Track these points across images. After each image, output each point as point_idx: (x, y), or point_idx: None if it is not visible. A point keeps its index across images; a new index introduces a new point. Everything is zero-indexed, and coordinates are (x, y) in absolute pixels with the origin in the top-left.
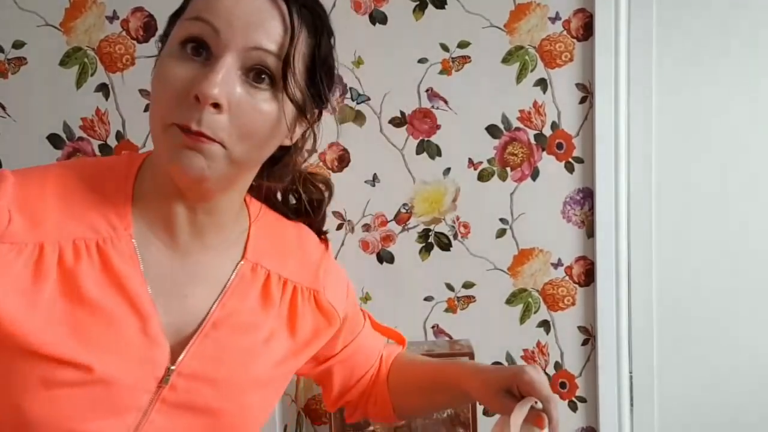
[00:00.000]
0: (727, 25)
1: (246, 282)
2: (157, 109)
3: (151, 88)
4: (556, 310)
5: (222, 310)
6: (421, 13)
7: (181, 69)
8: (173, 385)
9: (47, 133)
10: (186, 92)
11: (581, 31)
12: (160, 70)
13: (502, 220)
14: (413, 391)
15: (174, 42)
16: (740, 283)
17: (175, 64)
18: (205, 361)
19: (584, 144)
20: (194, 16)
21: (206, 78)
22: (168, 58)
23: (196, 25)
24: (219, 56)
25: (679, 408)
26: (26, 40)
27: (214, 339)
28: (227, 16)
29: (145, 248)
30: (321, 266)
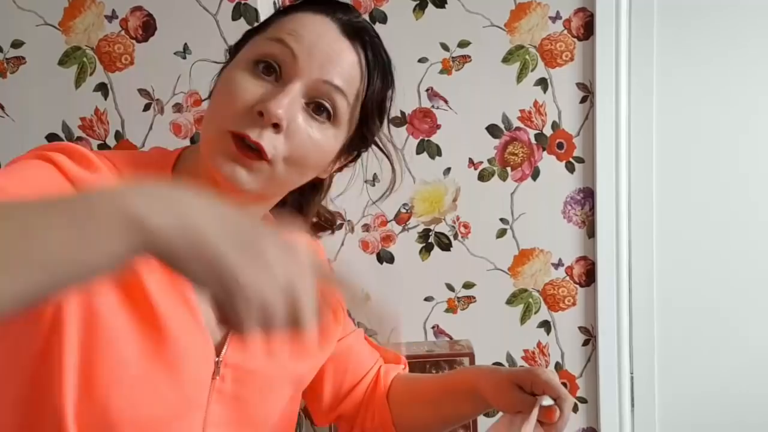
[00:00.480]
0: (729, 24)
1: None
2: (217, 115)
3: (214, 95)
4: (557, 311)
5: None
6: (422, 12)
7: (251, 84)
8: (223, 376)
9: (46, 133)
10: (251, 106)
11: (582, 30)
12: (228, 79)
13: (503, 220)
14: (418, 403)
15: (249, 56)
16: (742, 283)
17: (246, 78)
18: (243, 353)
19: (585, 144)
20: (277, 37)
21: (275, 98)
22: (239, 70)
23: (276, 47)
24: (289, 81)
25: (680, 409)
26: (25, 40)
27: None
28: (309, 46)
29: None
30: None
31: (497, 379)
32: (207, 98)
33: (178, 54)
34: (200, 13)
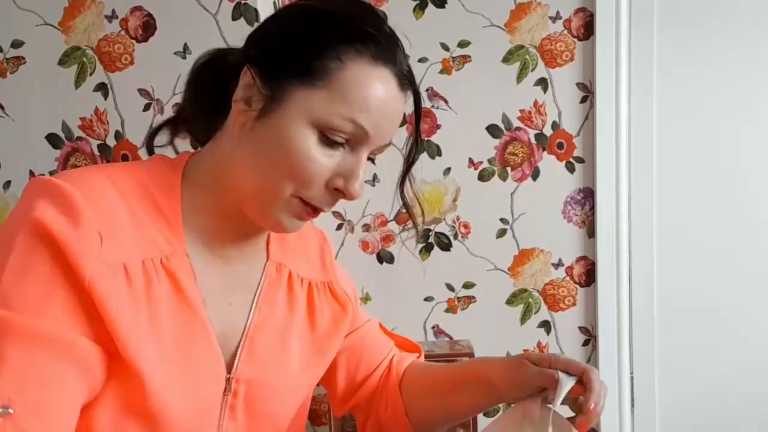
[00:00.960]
0: (729, 24)
1: (274, 283)
2: (283, 179)
3: (275, 151)
4: (557, 311)
5: (259, 315)
6: (422, 12)
7: (324, 157)
8: (235, 391)
9: (46, 133)
10: (326, 180)
11: (582, 30)
12: (295, 147)
13: (503, 220)
14: (429, 392)
15: (311, 123)
16: (742, 283)
17: (319, 149)
18: (254, 366)
19: (585, 144)
20: (351, 118)
21: (355, 177)
22: (306, 137)
23: (349, 126)
24: (359, 149)
25: (680, 408)
26: (25, 40)
27: (257, 343)
28: (380, 124)
29: (196, 260)
30: (326, 257)
31: (512, 365)
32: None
33: (178, 54)
34: (200, 12)
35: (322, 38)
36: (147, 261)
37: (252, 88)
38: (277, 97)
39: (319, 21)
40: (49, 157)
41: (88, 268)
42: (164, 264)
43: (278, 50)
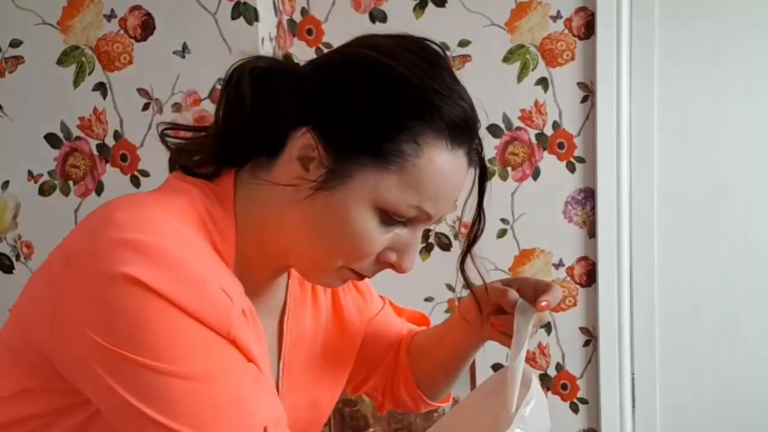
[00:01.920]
0: (730, 23)
1: (298, 300)
2: (336, 253)
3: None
4: (558, 311)
5: (290, 336)
6: (422, 11)
7: (381, 235)
8: None
9: (44, 133)
10: (379, 253)
11: (583, 29)
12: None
13: (503, 220)
14: (425, 352)
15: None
16: (743, 283)
17: (377, 230)
18: (296, 391)
19: (586, 143)
20: (419, 206)
21: (408, 255)
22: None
23: (413, 212)
24: (417, 228)
25: (681, 410)
26: (23, 39)
27: (294, 368)
28: (444, 208)
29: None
30: None
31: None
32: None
33: (177, 53)
34: (199, 12)
35: (400, 118)
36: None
37: (312, 151)
38: (342, 173)
39: (396, 96)
40: (47, 157)
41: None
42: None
43: (348, 124)
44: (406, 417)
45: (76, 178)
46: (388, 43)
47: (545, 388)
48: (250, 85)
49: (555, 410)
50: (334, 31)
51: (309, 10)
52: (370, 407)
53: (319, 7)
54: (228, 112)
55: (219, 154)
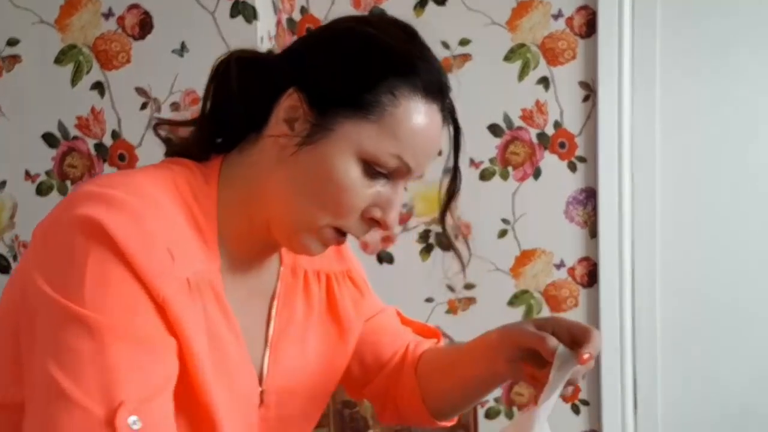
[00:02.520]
0: (731, 21)
1: (290, 287)
2: (321, 209)
3: (317, 180)
4: (559, 312)
5: (279, 322)
6: (422, 10)
7: (365, 188)
8: (266, 404)
9: (42, 132)
10: (363, 210)
11: (584, 28)
12: (338, 177)
13: (504, 220)
14: (440, 371)
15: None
16: (745, 283)
17: (362, 181)
18: (283, 374)
19: (587, 143)
20: (398, 155)
21: (392, 208)
22: (350, 168)
23: (395, 161)
24: (398, 182)
25: (682, 411)
26: (21, 38)
27: (281, 352)
28: (422, 160)
29: (226, 279)
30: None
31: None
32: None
33: (175, 52)
34: (198, 10)
35: (378, 71)
36: (198, 274)
37: (297, 111)
38: (325, 126)
39: (374, 52)
40: (45, 157)
41: (162, 289)
42: (208, 278)
43: (331, 79)
44: None
45: (74, 178)
46: (366, 17)
47: None
48: (236, 71)
49: (557, 412)
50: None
51: (308, 8)
52: (369, 409)
53: (318, 5)
54: (216, 99)
55: (208, 140)
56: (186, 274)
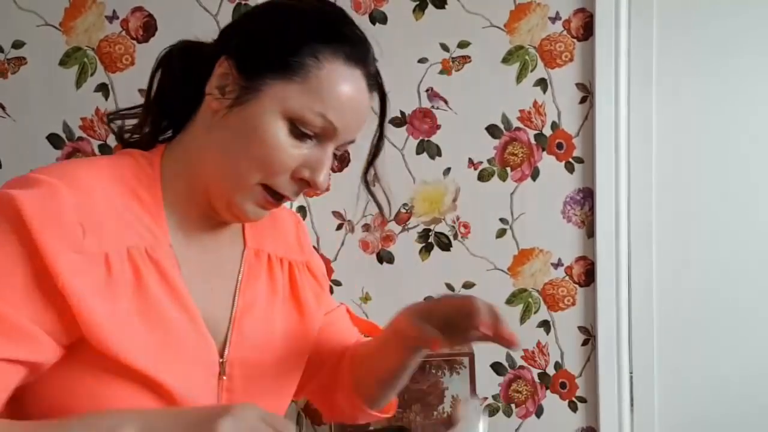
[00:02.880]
0: (728, 24)
1: (254, 268)
2: (251, 167)
3: (246, 139)
4: (557, 310)
5: (243, 299)
6: (421, 12)
7: (293, 148)
8: (229, 375)
9: (47, 133)
10: (292, 169)
11: (581, 30)
12: (265, 136)
13: (502, 220)
14: (364, 360)
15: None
16: (741, 282)
17: (289, 140)
18: (246, 348)
19: (584, 144)
20: (322, 113)
21: (320, 169)
22: (277, 128)
23: (320, 120)
24: (326, 143)
25: (679, 408)
26: (26, 40)
27: (246, 327)
28: (348, 122)
29: (178, 251)
30: (302, 238)
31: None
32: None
33: None
34: (201, 13)
35: (302, 36)
36: (132, 249)
37: (227, 78)
38: (253, 88)
39: (299, 19)
40: (50, 158)
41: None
42: (149, 254)
43: (258, 44)
44: (406, 416)
45: None
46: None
47: (544, 387)
48: (179, 59)
49: (554, 409)
50: None
51: None
52: None
53: None
54: (160, 87)
55: (153, 126)
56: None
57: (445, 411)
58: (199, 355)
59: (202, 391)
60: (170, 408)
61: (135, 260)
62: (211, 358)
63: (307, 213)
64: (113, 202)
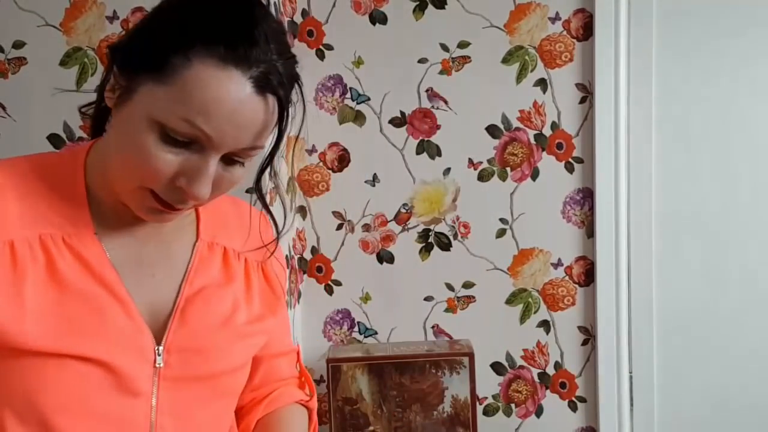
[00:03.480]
0: (727, 24)
1: (206, 259)
2: (126, 170)
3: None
4: (556, 310)
5: (191, 288)
6: (421, 13)
7: (168, 155)
8: (167, 362)
9: (47, 133)
10: (172, 179)
11: (581, 31)
12: (137, 143)
13: (502, 220)
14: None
15: (153, 119)
16: (740, 282)
17: (160, 146)
18: (187, 334)
19: (584, 144)
20: (188, 120)
21: (198, 180)
22: (147, 133)
23: (186, 127)
24: (206, 153)
25: (678, 408)
26: (26, 40)
27: (190, 313)
28: (225, 129)
29: (108, 241)
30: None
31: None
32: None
33: None
34: None
35: (174, 33)
36: (45, 236)
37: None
38: (130, 89)
39: (175, 16)
40: None
41: None
42: (66, 241)
43: (134, 42)
44: (406, 415)
45: None
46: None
47: (544, 387)
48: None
49: (554, 409)
50: (335, 33)
51: (310, 11)
52: (370, 406)
53: (319, 8)
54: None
55: (95, 123)
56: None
57: (445, 411)
58: (130, 339)
59: (129, 376)
60: None
61: (47, 245)
62: (144, 343)
63: (307, 213)
64: (26, 195)
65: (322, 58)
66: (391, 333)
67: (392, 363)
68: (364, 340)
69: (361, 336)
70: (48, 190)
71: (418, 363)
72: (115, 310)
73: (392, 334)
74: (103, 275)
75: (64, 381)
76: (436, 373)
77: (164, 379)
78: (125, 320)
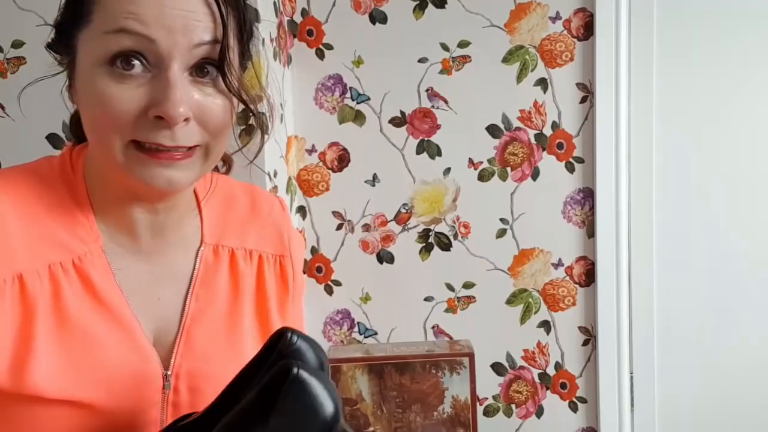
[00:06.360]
0: (728, 23)
1: (211, 268)
2: (106, 131)
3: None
4: (557, 311)
5: (196, 304)
6: (422, 12)
7: (125, 90)
8: (175, 388)
9: (46, 133)
10: (142, 113)
11: (582, 30)
12: (93, 93)
13: (503, 220)
14: None
15: (97, 59)
16: (742, 282)
17: (112, 86)
18: (196, 357)
19: (585, 144)
20: (117, 28)
21: (166, 98)
22: (98, 79)
23: (123, 39)
24: (164, 66)
25: (679, 408)
26: (25, 40)
27: (197, 333)
28: (160, 21)
29: (114, 258)
30: (284, 230)
31: None
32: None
33: None
34: None
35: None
36: (54, 265)
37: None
38: (70, 54)
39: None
40: None
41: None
42: (76, 265)
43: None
44: (406, 416)
45: None
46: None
47: (545, 387)
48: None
49: (554, 409)
50: (335, 32)
51: (309, 11)
52: (370, 406)
53: (319, 8)
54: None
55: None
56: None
57: (445, 411)
58: (136, 369)
59: (139, 405)
60: None
61: (56, 274)
62: (151, 371)
63: (307, 213)
64: (30, 213)
65: (322, 58)
66: (391, 333)
67: (392, 363)
68: (364, 341)
69: (361, 336)
70: (55, 205)
71: (418, 363)
72: (121, 343)
73: (392, 334)
74: (110, 303)
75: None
76: (436, 373)
77: (174, 406)
78: (130, 353)
